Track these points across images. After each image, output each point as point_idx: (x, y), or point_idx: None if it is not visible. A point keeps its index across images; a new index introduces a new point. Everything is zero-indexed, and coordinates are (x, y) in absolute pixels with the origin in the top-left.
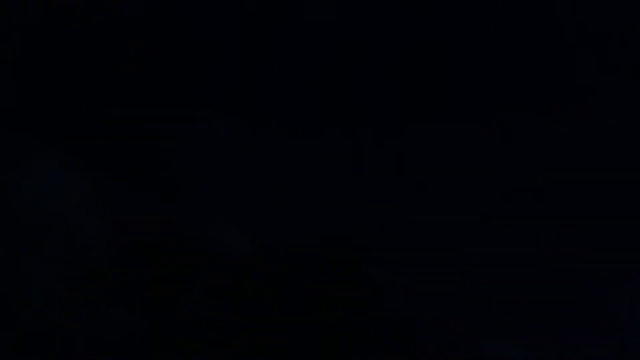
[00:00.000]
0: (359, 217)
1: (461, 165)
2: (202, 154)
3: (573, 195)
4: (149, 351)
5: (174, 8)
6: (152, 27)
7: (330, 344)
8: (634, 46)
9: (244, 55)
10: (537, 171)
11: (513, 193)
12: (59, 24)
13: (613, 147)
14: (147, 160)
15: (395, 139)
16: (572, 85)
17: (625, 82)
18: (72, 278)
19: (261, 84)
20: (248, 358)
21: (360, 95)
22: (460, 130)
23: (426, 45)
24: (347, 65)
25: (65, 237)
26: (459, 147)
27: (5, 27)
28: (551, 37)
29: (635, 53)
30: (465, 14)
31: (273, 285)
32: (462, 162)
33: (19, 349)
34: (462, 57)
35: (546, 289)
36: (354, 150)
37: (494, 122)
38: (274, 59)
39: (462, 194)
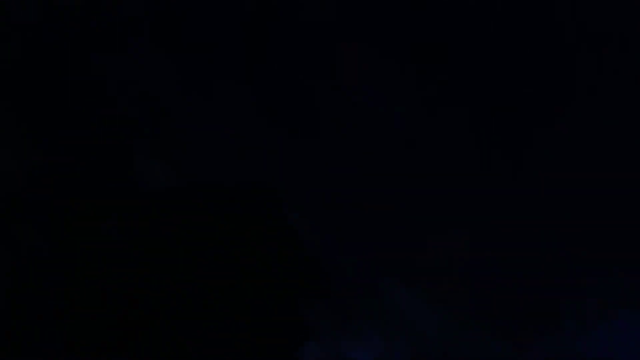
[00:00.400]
0: (285, 165)
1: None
2: (135, 91)
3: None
4: (65, 279)
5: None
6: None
7: (246, 283)
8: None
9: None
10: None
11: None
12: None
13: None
14: (79, 94)
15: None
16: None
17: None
18: None
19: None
20: (159, 287)
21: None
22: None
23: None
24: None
25: None
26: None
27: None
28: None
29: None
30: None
31: (191, 221)
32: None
33: None
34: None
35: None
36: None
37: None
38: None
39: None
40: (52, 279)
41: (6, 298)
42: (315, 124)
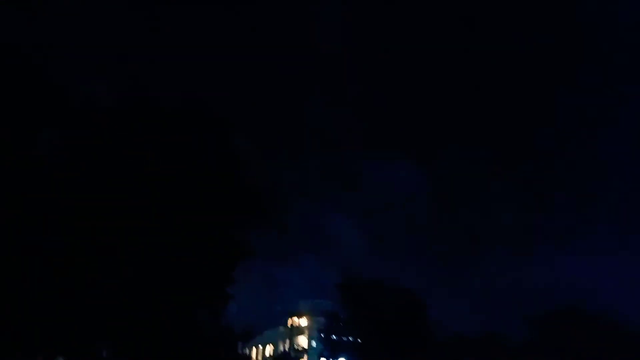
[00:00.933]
0: (232, 90)
1: None
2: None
3: None
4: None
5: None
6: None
7: (185, 204)
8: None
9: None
10: None
11: None
12: None
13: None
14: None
15: None
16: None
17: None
18: None
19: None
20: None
21: None
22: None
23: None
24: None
25: None
26: None
27: None
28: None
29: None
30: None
31: (132, 137)
32: None
33: None
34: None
35: None
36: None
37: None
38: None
39: None
40: None
41: None
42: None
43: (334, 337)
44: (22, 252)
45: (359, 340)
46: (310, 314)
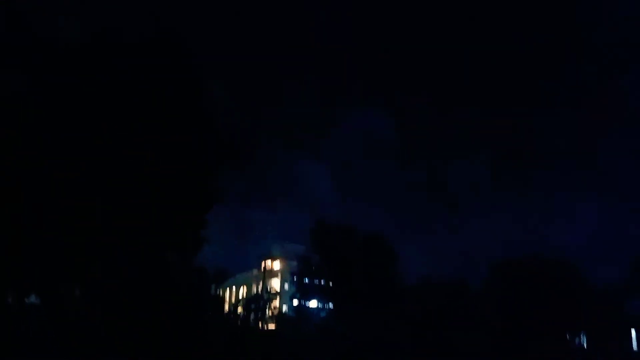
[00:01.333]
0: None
1: None
2: None
3: None
4: None
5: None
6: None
7: (158, 147)
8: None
9: None
10: None
11: None
12: None
13: None
14: None
15: None
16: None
17: None
18: None
19: None
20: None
21: None
22: None
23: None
24: None
25: None
26: None
27: None
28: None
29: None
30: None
31: (100, 75)
32: None
33: None
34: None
35: None
36: None
37: None
38: None
39: None
40: None
41: None
42: None
43: (306, 281)
44: None
45: (330, 284)
46: (283, 258)
